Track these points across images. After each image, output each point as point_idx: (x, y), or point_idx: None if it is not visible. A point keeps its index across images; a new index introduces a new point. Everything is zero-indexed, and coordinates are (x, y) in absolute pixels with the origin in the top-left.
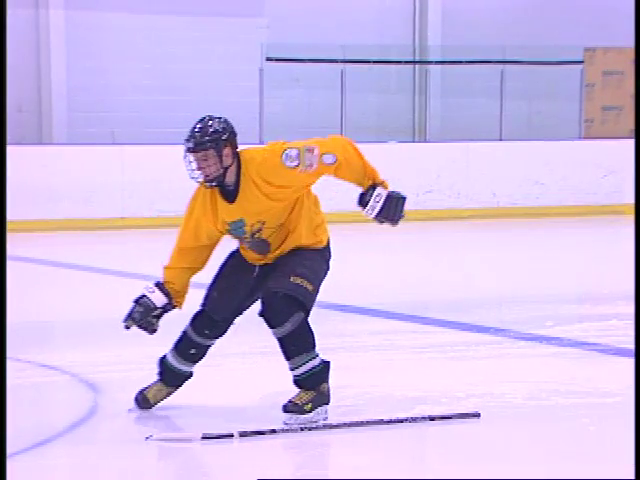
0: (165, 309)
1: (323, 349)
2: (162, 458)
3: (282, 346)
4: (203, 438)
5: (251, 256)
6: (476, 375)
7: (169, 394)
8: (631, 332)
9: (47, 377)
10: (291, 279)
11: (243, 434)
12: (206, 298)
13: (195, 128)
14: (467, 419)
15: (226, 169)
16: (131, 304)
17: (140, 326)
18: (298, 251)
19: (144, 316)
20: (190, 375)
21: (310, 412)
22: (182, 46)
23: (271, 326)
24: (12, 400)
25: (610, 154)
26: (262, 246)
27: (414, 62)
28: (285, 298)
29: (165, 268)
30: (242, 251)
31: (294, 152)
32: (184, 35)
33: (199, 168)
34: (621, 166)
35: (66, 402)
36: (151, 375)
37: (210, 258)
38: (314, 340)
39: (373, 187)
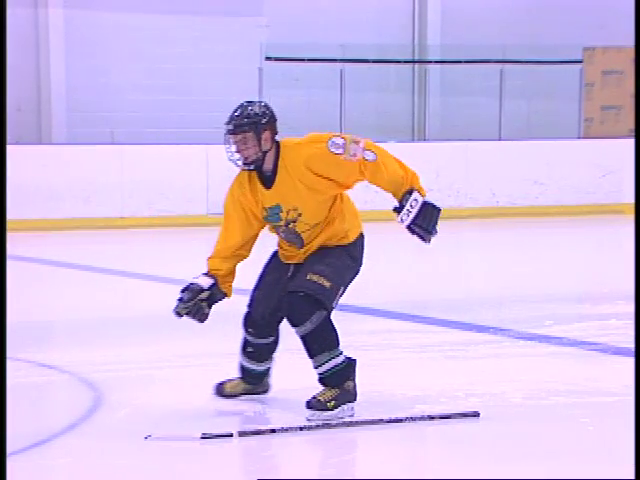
0: (214, 295)
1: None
2: (161, 457)
3: (304, 344)
4: (202, 438)
5: (286, 254)
6: (475, 374)
7: (245, 390)
8: (630, 331)
9: (46, 376)
10: (308, 277)
11: (242, 434)
12: (249, 298)
13: (236, 111)
14: (466, 418)
15: (265, 153)
16: (178, 295)
17: (189, 313)
18: (321, 249)
19: (193, 297)
20: (262, 373)
21: (333, 409)
22: (181, 45)
23: (292, 325)
24: (11, 399)
25: (609, 154)
26: (296, 239)
27: (413, 62)
28: (304, 297)
29: (209, 259)
30: (280, 250)
31: (340, 140)
32: (183, 34)
33: (238, 151)
34: (620, 165)
35: (65, 401)
36: (150, 375)
37: (254, 247)
38: (337, 338)
39: (410, 192)
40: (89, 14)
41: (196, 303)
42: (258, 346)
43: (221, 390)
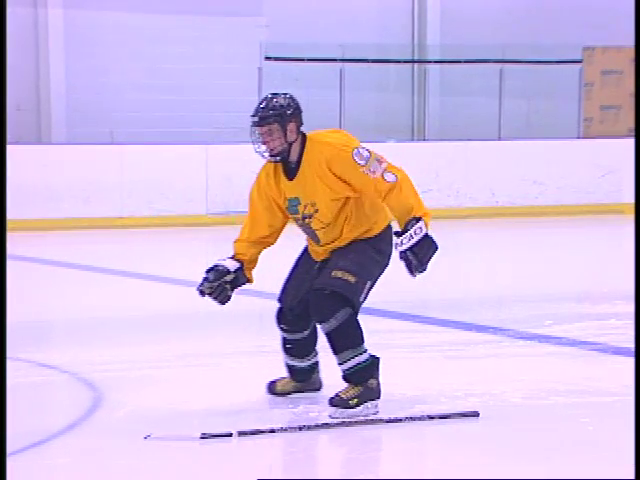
0: (238, 278)
1: (322, 348)
2: (161, 457)
3: (329, 341)
4: (202, 437)
5: (311, 249)
6: (475, 374)
7: (295, 388)
8: (630, 331)
9: (46, 376)
10: (332, 274)
11: (242, 433)
12: (279, 292)
13: (261, 103)
14: (466, 418)
15: (291, 144)
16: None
17: (212, 294)
18: (346, 245)
19: (219, 277)
20: (307, 369)
21: (355, 407)
22: (181, 45)
23: (318, 322)
24: (11, 399)
25: (609, 153)
26: (312, 235)
27: (413, 61)
28: (329, 294)
29: (235, 242)
30: (309, 246)
31: (365, 153)
32: (183, 34)
33: (264, 142)
34: (620, 165)
35: (64, 401)
36: (150, 374)
37: (280, 236)
38: (362, 336)
39: (417, 220)
40: (88, 14)
41: (220, 284)
42: (295, 342)
43: (272, 388)
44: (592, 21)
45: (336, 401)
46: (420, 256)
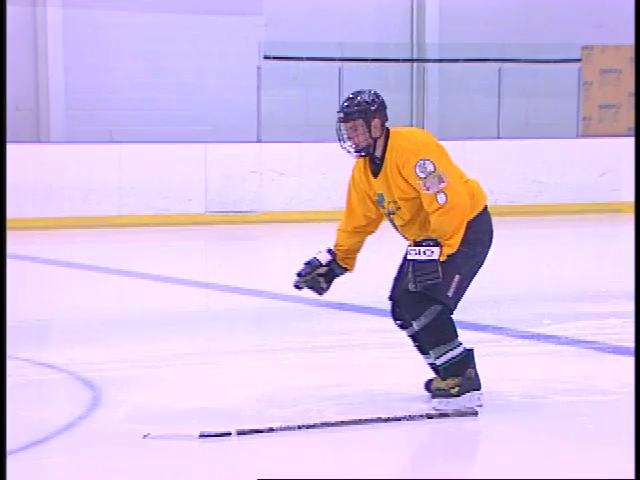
0: (332, 270)
1: (322, 347)
2: (160, 456)
3: (422, 337)
4: (201, 436)
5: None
6: None
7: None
8: (629, 330)
9: (45, 375)
10: None
11: (241, 432)
12: (390, 289)
13: (346, 100)
14: (465, 417)
15: (375, 140)
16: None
17: (307, 284)
18: None
19: (310, 271)
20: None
21: (458, 395)
22: (180, 44)
23: (409, 320)
24: (10, 398)
25: (608, 152)
26: (397, 230)
27: (412, 60)
28: (414, 294)
29: (337, 230)
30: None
31: (430, 167)
32: (182, 33)
33: (349, 138)
34: (619, 164)
35: (64, 400)
36: (149, 374)
37: (380, 224)
38: (454, 331)
39: (436, 243)
40: (87, 13)
41: (313, 277)
42: (411, 338)
43: (429, 386)
44: (591, 20)
45: (437, 393)
46: (416, 274)
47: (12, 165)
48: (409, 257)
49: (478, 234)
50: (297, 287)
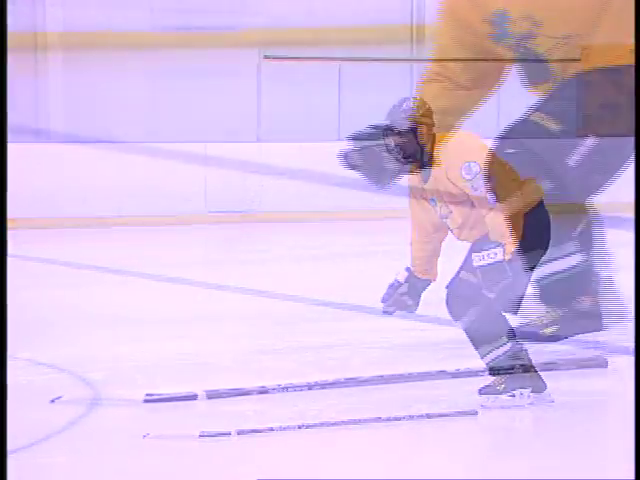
0: (413, 285)
1: (321, 347)
2: (159, 456)
3: (468, 337)
4: (200, 436)
5: None
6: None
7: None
8: (629, 330)
9: (44, 375)
10: (460, 275)
11: (241, 432)
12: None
13: (392, 107)
14: (465, 417)
15: (422, 147)
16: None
17: (393, 307)
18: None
19: (390, 296)
20: None
21: (505, 392)
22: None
23: (452, 319)
24: (10, 397)
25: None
26: (453, 233)
27: (411, 60)
28: (457, 295)
29: (411, 244)
30: None
31: (476, 168)
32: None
33: (396, 145)
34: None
35: (64, 400)
36: (149, 373)
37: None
38: (502, 328)
39: (498, 243)
40: (86, 12)
41: (396, 299)
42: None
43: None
44: None
45: (485, 390)
46: (486, 280)
47: (11, 165)
48: (474, 264)
49: (531, 231)
50: (387, 313)
